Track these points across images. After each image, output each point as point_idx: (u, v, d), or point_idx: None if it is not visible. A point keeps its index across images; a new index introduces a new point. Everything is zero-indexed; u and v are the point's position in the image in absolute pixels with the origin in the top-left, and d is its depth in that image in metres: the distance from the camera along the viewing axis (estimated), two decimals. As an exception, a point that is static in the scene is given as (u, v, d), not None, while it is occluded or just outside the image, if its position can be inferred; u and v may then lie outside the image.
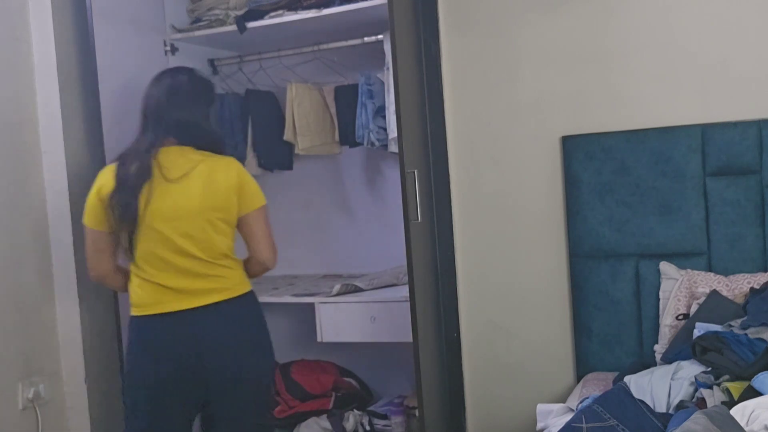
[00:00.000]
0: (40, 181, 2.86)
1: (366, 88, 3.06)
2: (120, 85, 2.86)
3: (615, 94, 2.61)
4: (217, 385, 2.23)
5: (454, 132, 2.81)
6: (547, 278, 2.73)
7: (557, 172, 2.69)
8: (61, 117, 2.83)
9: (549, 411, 2.15)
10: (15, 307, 2.74)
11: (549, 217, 2.71)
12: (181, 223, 2.16)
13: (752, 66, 2.47)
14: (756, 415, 1.56)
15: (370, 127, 3.05)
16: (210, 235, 2.18)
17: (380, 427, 3.24)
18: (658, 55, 2.56)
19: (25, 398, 2.75)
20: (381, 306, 2.93)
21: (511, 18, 2.72)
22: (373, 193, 3.49)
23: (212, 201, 2.18)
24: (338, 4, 2.88)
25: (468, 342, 2.84)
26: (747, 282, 2.37)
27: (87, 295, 2.90)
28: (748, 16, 2.47)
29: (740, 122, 2.46)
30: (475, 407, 2.85)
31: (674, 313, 2.42)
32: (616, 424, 1.74)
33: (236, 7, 3.11)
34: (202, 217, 2.17)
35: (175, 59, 3.18)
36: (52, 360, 2.87)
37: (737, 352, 1.94)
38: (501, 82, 2.75)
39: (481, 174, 2.80)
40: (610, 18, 2.61)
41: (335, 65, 3.25)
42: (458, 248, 2.83)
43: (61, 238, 2.85)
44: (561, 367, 2.72)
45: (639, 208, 2.56)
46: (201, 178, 2.18)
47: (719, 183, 2.49)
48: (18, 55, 2.80)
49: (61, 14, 2.85)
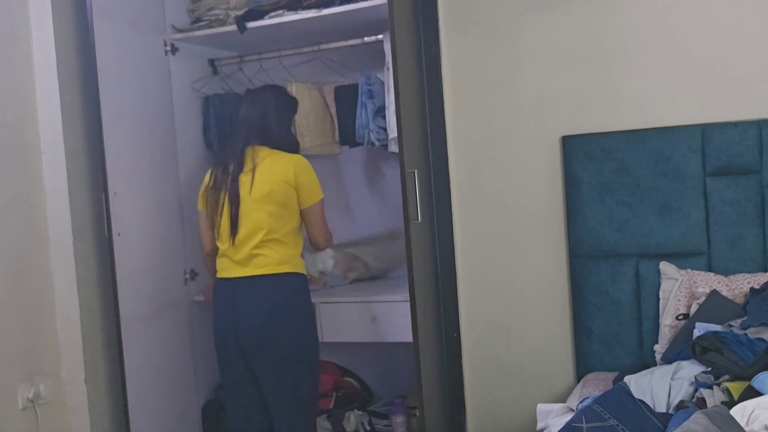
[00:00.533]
0: (40, 181, 2.86)
1: (366, 88, 3.06)
2: (120, 85, 2.87)
3: (615, 94, 2.61)
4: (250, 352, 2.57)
5: (454, 132, 2.81)
6: (547, 278, 2.73)
7: (557, 172, 2.69)
8: (61, 117, 2.83)
9: (549, 411, 2.15)
10: (15, 307, 2.74)
11: (549, 217, 2.71)
12: (243, 205, 2.59)
13: (752, 66, 2.47)
14: (756, 415, 1.56)
15: (370, 127, 3.05)
16: (259, 218, 2.56)
17: (380, 427, 3.25)
18: (658, 55, 2.56)
19: (25, 398, 2.75)
20: (381, 306, 2.93)
21: (511, 18, 2.72)
22: (373, 193, 3.49)
23: (266, 190, 2.56)
24: (338, 4, 2.88)
25: (468, 342, 2.84)
26: (747, 282, 2.37)
27: (87, 295, 2.90)
28: (748, 16, 2.47)
29: (740, 122, 2.46)
30: (475, 407, 2.85)
31: (674, 313, 2.42)
32: (616, 424, 1.74)
33: (236, 7, 3.11)
34: (255, 203, 2.57)
35: (175, 59, 3.18)
36: (52, 360, 2.87)
37: (737, 352, 1.94)
38: (501, 82, 2.75)
39: (481, 174, 2.80)
40: (610, 18, 2.61)
41: (335, 65, 3.25)
42: (458, 248, 2.83)
43: (61, 238, 2.85)
44: (561, 367, 2.72)
45: (639, 208, 2.56)
46: (262, 172, 2.58)
47: (719, 183, 2.49)
48: (18, 55, 2.80)
49: (61, 14, 2.85)
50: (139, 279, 2.91)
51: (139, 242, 2.92)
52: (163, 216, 3.10)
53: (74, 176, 2.87)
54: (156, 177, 3.07)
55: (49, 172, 2.86)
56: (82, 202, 2.90)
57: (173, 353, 3.11)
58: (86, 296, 2.89)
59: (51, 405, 2.84)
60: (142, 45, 3.03)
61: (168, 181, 3.14)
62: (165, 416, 3.04)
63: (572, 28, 2.65)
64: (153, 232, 3.02)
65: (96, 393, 2.91)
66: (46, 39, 2.82)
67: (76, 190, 2.88)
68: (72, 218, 2.84)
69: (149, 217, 3.00)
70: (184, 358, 3.18)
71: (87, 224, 2.92)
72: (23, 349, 2.76)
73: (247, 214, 2.58)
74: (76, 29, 2.89)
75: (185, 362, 3.19)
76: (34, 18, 2.83)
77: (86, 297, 2.89)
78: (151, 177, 3.03)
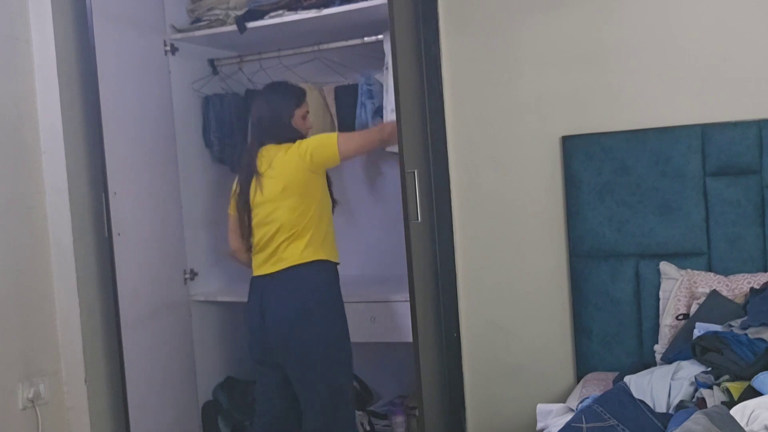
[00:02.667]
0: (40, 181, 2.86)
1: (366, 88, 3.07)
2: (120, 85, 2.87)
3: (615, 94, 2.61)
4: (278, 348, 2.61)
5: (454, 132, 2.81)
6: (547, 278, 2.73)
7: (557, 172, 2.69)
8: (61, 117, 2.83)
9: (549, 411, 2.15)
10: (15, 307, 2.74)
11: (549, 217, 2.71)
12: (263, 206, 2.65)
13: (752, 66, 2.46)
14: (756, 415, 1.56)
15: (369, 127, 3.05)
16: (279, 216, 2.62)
17: (380, 427, 3.25)
18: (658, 55, 2.56)
19: (25, 398, 2.75)
20: (381, 306, 2.93)
21: (511, 18, 2.72)
22: (373, 193, 3.49)
23: (281, 186, 2.61)
24: (338, 4, 2.88)
25: (468, 342, 2.85)
26: (747, 282, 2.37)
27: (87, 295, 2.90)
28: (747, 15, 2.46)
29: (740, 122, 2.46)
30: (475, 407, 2.85)
31: (674, 313, 2.42)
32: (616, 424, 1.74)
33: (236, 7, 3.11)
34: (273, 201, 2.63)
35: (175, 59, 3.19)
36: (52, 360, 2.87)
37: (737, 352, 1.94)
38: (501, 82, 2.75)
39: (481, 174, 2.80)
40: (610, 18, 2.61)
41: (335, 65, 3.25)
42: (458, 248, 2.83)
43: (61, 238, 2.85)
44: (561, 367, 2.72)
45: (639, 208, 2.56)
46: (276, 168, 2.64)
47: (719, 183, 2.49)
48: (18, 55, 2.80)
49: (61, 14, 2.85)
50: (138, 279, 2.91)
51: (139, 242, 2.92)
52: (163, 216, 3.10)
53: (74, 176, 2.87)
54: (156, 177, 3.07)
55: (49, 172, 2.86)
56: (82, 202, 2.90)
57: (173, 353, 3.11)
58: (86, 296, 2.89)
59: (51, 405, 2.84)
60: (142, 45, 3.03)
61: (168, 181, 3.15)
62: (165, 416, 3.04)
63: (572, 28, 2.65)
64: (153, 232, 3.02)
65: (96, 393, 2.91)
66: (46, 39, 2.82)
67: (76, 190, 2.88)
68: (72, 218, 2.84)
69: (149, 217, 3.01)
70: (184, 358, 3.18)
71: (87, 224, 2.92)
72: (23, 349, 2.77)
73: (268, 213, 2.64)
74: (76, 29, 2.90)
75: (185, 362, 3.19)
76: (34, 18, 2.83)
77: (86, 297, 2.89)
78: (151, 177, 3.03)
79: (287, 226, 2.62)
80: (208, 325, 3.34)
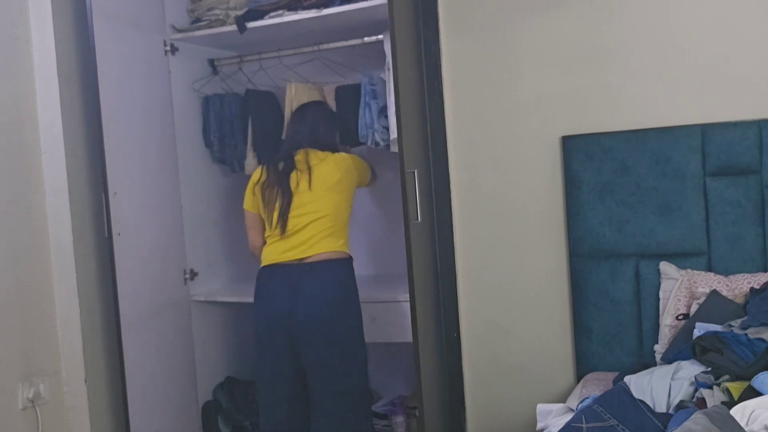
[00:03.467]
0: (40, 181, 2.86)
1: (369, 88, 3.06)
2: (120, 85, 2.87)
3: (615, 94, 2.61)
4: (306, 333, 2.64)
5: (454, 132, 2.81)
6: (547, 278, 2.73)
7: (557, 172, 2.69)
8: (61, 117, 2.83)
9: (549, 411, 2.15)
10: (15, 307, 2.75)
11: (549, 217, 2.71)
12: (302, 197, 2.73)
13: (752, 66, 2.46)
14: (756, 415, 1.56)
15: (374, 127, 3.05)
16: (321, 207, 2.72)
17: (380, 427, 3.25)
18: (658, 55, 2.56)
19: (25, 398, 2.75)
20: (381, 306, 2.93)
21: (511, 18, 2.72)
22: (373, 193, 3.49)
23: (336, 179, 2.74)
24: (338, 4, 2.88)
25: (468, 342, 2.84)
26: (747, 282, 2.37)
27: (87, 295, 2.90)
28: (747, 15, 2.46)
29: (740, 122, 2.46)
30: (475, 407, 2.85)
31: (674, 313, 2.42)
32: (616, 424, 1.74)
33: (236, 7, 3.11)
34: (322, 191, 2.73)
35: (175, 59, 3.19)
36: (52, 360, 2.87)
37: (737, 352, 1.94)
38: (501, 82, 2.74)
39: (481, 174, 2.79)
40: (610, 18, 2.60)
41: (335, 65, 3.25)
42: (458, 248, 2.82)
43: (61, 238, 2.85)
44: (561, 367, 2.72)
45: (639, 208, 2.56)
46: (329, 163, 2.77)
47: (719, 183, 2.49)
48: (18, 55, 2.80)
49: (61, 14, 2.85)
50: (139, 279, 2.92)
51: (139, 242, 2.92)
52: (163, 216, 3.10)
53: (74, 176, 2.87)
54: (156, 177, 3.07)
55: (49, 172, 2.86)
56: (82, 202, 2.90)
57: (173, 353, 3.11)
58: (86, 296, 2.89)
59: (51, 405, 2.84)
60: (142, 45, 3.03)
61: (168, 181, 3.15)
62: (165, 416, 3.04)
63: (572, 28, 2.65)
64: (153, 232, 3.03)
65: (96, 393, 2.91)
66: (46, 39, 2.82)
67: (76, 190, 2.88)
68: (72, 218, 2.84)
69: (149, 217, 3.01)
70: (184, 358, 3.18)
71: (87, 224, 2.92)
72: (23, 349, 2.77)
73: (312, 201, 2.72)
74: (76, 29, 2.90)
75: (185, 362, 3.19)
76: (34, 18, 2.83)
77: (86, 297, 2.89)
78: (151, 177, 3.04)
79: (329, 218, 2.72)
80: (208, 325, 3.34)
